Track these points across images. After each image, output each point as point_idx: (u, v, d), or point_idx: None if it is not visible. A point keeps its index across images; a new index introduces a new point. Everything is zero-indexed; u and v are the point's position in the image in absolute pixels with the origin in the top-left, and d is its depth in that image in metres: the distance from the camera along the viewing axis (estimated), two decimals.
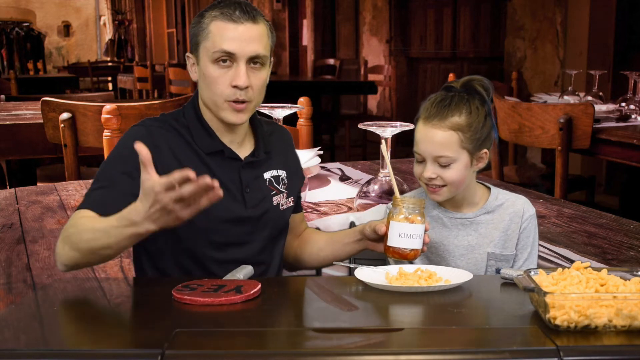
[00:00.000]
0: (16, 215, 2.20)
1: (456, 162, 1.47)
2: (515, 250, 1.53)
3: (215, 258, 1.49)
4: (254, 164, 1.54)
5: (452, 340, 1.08)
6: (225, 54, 1.44)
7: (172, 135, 1.49)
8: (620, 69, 4.36)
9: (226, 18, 1.45)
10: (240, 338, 1.08)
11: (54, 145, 3.23)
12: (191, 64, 1.52)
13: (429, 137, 1.47)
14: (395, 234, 1.42)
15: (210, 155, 1.50)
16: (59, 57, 17.34)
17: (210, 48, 1.45)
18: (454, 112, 1.46)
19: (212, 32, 1.45)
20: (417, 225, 1.42)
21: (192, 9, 13.61)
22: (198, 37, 1.47)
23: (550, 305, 1.06)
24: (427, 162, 1.48)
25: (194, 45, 1.49)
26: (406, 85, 7.71)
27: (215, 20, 1.45)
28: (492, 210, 1.54)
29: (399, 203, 1.43)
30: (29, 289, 1.58)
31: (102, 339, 1.09)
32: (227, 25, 1.44)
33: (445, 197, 1.50)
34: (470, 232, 1.54)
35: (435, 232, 1.54)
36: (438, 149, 1.46)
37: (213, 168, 1.49)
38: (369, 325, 1.19)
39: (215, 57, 1.44)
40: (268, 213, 1.54)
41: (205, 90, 1.49)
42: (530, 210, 1.55)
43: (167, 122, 1.51)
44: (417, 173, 1.51)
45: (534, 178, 3.94)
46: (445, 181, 1.48)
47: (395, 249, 1.43)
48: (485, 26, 6.76)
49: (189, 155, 1.48)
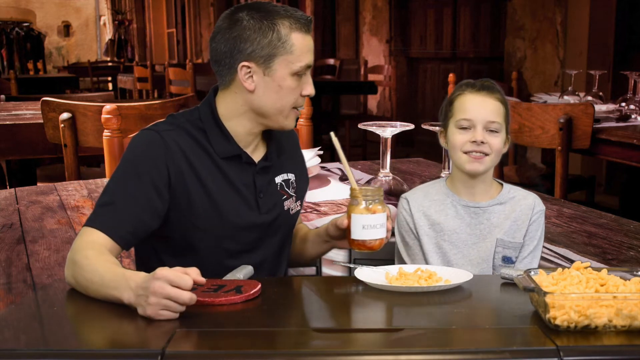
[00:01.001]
0: (16, 215, 2.20)
1: (501, 132, 1.54)
2: (523, 240, 1.55)
3: (227, 265, 1.46)
4: (267, 168, 1.53)
5: (452, 340, 1.08)
6: (308, 68, 1.46)
7: (185, 139, 1.45)
8: (620, 69, 4.36)
9: (303, 31, 1.45)
10: (240, 338, 1.08)
11: (54, 145, 3.23)
12: (246, 73, 1.44)
13: (483, 104, 1.53)
14: (359, 226, 1.39)
15: (225, 160, 1.47)
16: (59, 57, 17.34)
17: (294, 61, 1.44)
18: (496, 90, 1.56)
19: (295, 45, 1.43)
20: (379, 215, 1.39)
21: (192, 9, 13.61)
22: (275, 48, 1.42)
23: (550, 305, 1.06)
24: (476, 128, 1.52)
25: (265, 56, 1.43)
26: (406, 85, 7.71)
27: (295, 32, 1.44)
28: (504, 201, 1.57)
29: (357, 194, 1.40)
30: (29, 289, 1.58)
31: (102, 339, 1.09)
32: (306, 38, 1.46)
33: (487, 167, 1.54)
34: (482, 220, 1.56)
35: (449, 220, 1.56)
36: (491, 115, 1.53)
37: (227, 172, 1.47)
38: (369, 325, 1.20)
39: (299, 71, 1.45)
40: (279, 218, 1.54)
41: (272, 100, 1.46)
42: (541, 206, 1.59)
43: (180, 126, 1.46)
44: (461, 140, 1.53)
45: (534, 178, 3.94)
46: (492, 148, 1.52)
47: (360, 242, 1.40)
48: (485, 26, 6.76)
49: (202, 159, 1.45)
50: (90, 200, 2.40)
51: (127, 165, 1.43)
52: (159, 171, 1.41)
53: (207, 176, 1.45)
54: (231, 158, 1.48)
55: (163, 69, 9.45)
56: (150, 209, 1.40)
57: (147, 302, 1.14)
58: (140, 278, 1.18)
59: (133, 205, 1.38)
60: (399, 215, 1.61)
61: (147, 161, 1.41)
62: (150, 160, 1.41)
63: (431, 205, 1.58)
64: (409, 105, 7.60)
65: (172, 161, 1.42)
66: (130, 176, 1.41)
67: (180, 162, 1.42)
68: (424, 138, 6.38)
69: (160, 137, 1.43)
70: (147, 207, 1.40)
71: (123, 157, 1.45)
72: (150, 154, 1.42)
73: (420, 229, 1.57)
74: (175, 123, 1.47)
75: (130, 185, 1.40)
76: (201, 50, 12.89)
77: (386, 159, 2.20)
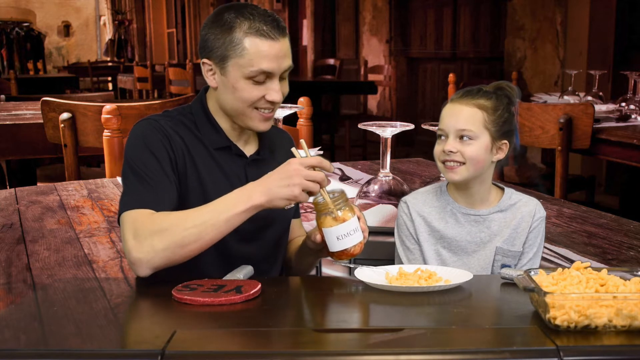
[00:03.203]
0: (16, 215, 2.20)
1: (477, 139, 1.48)
2: (522, 248, 1.54)
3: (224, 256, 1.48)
4: (258, 162, 1.54)
5: (452, 340, 1.08)
6: (263, 74, 1.42)
7: (181, 128, 1.48)
8: (620, 69, 4.36)
9: (262, 35, 1.41)
10: (240, 338, 1.08)
11: (54, 145, 3.23)
12: (208, 70, 1.48)
13: (454, 112, 1.50)
14: (333, 239, 1.37)
15: (217, 151, 1.50)
16: (59, 57, 17.34)
17: (245, 66, 1.41)
18: (482, 97, 1.51)
19: (247, 50, 1.41)
20: (349, 222, 1.36)
21: (192, 9, 13.61)
22: (227, 50, 1.42)
23: (550, 305, 1.06)
24: (449, 137, 1.50)
25: (219, 57, 1.43)
26: (406, 85, 7.71)
27: (249, 37, 1.41)
28: (505, 209, 1.56)
29: (321, 208, 1.37)
30: (29, 289, 1.58)
31: (102, 339, 1.09)
32: (264, 43, 1.41)
33: (463, 176, 1.50)
34: (482, 229, 1.55)
35: (449, 227, 1.55)
36: (462, 123, 1.48)
37: (221, 163, 1.49)
38: (369, 326, 1.20)
39: (251, 75, 1.42)
40: (273, 211, 1.54)
41: (229, 100, 1.46)
42: (541, 212, 1.57)
43: (174, 117, 1.50)
44: (437, 151, 1.52)
45: (534, 178, 3.94)
46: (465, 157, 1.48)
47: (339, 253, 1.38)
48: (485, 26, 6.76)
49: (198, 148, 1.48)
50: (90, 200, 2.40)
51: (136, 151, 1.43)
52: (167, 152, 1.43)
53: (203, 165, 1.47)
54: (223, 149, 1.50)
55: (163, 69, 9.46)
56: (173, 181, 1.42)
57: (291, 183, 1.29)
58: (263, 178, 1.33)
59: (159, 176, 1.40)
60: (399, 219, 1.60)
61: (154, 143, 1.43)
62: (156, 142, 1.43)
63: (431, 212, 1.57)
64: (409, 105, 7.60)
65: (173, 146, 1.45)
66: (144, 156, 1.42)
67: (180, 148, 1.45)
68: (424, 138, 6.37)
69: (160, 124, 1.46)
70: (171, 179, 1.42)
71: (128, 148, 1.45)
72: (155, 137, 1.44)
73: (420, 235, 1.56)
74: (170, 115, 1.51)
75: (149, 162, 1.41)
76: None
77: (386, 159, 2.20)
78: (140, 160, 1.42)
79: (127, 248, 1.32)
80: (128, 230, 1.33)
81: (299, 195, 1.31)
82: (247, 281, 1.30)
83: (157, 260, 1.31)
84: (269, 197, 1.31)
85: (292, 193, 1.30)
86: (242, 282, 1.30)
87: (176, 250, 1.30)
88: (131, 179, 1.41)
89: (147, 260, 1.30)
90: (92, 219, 2.16)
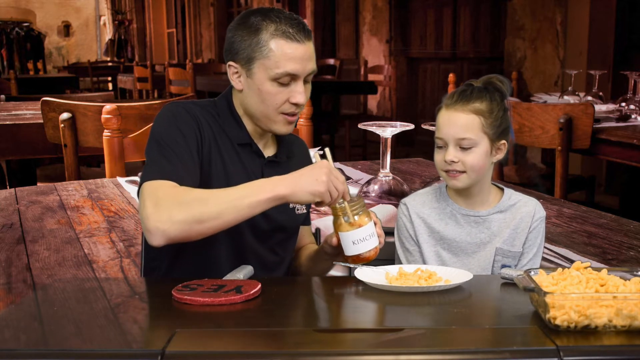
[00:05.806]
0: (16, 215, 2.21)
1: (477, 146, 1.48)
2: (522, 248, 1.54)
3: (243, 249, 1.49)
4: (275, 164, 1.55)
5: (452, 340, 1.08)
6: (288, 76, 1.44)
7: (210, 118, 1.49)
8: (620, 69, 4.36)
9: (288, 38, 1.43)
10: (240, 338, 1.08)
11: (54, 145, 3.24)
12: (234, 73, 1.49)
13: (452, 121, 1.48)
14: (349, 243, 1.39)
15: (239, 146, 1.51)
16: (59, 57, 17.34)
17: (271, 67, 1.43)
18: (475, 99, 1.49)
19: (273, 51, 1.42)
20: (366, 227, 1.38)
21: (192, 9, 13.60)
22: (253, 52, 1.44)
23: (550, 305, 1.06)
24: (448, 146, 1.49)
25: (245, 59, 1.45)
26: (406, 85, 7.71)
27: (275, 39, 1.43)
28: (504, 209, 1.56)
29: (338, 212, 1.39)
30: (29, 289, 1.58)
31: (102, 339, 1.09)
32: (290, 46, 1.43)
33: (465, 183, 1.50)
34: (482, 229, 1.55)
35: (449, 229, 1.55)
36: (460, 132, 1.47)
37: (242, 158, 1.50)
38: (369, 326, 1.20)
39: (276, 77, 1.43)
40: (285, 212, 1.55)
41: (255, 103, 1.47)
42: (541, 212, 1.57)
43: (204, 106, 1.51)
44: (438, 160, 1.51)
45: (534, 178, 3.94)
46: (466, 166, 1.48)
47: (354, 257, 1.40)
48: (485, 26, 6.76)
49: (223, 139, 1.49)
50: (90, 200, 2.40)
51: (166, 127, 1.43)
52: (195, 134, 1.44)
53: (227, 155, 1.48)
54: (244, 145, 1.51)
55: (163, 69, 9.46)
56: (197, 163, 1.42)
57: (320, 179, 1.32)
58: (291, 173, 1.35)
59: (186, 154, 1.40)
60: (399, 221, 1.60)
61: (184, 123, 1.44)
62: (187, 122, 1.44)
63: (431, 213, 1.57)
64: (409, 105, 7.60)
65: (202, 130, 1.45)
66: (173, 132, 1.42)
67: (208, 134, 1.46)
68: (424, 138, 6.37)
69: (191, 107, 1.47)
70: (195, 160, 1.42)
71: (157, 125, 1.45)
72: (186, 117, 1.44)
73: (420, 236, 1.56)
74: (199, 104, 1.51)
75: (178, 139, 1.41)
76: (201, 50, 12.88)
77: (386, 159, 2.20)
78: (168, 135, 1.42)
79: (144, 214, 1.30)
80: (149, 198, 1.32)
81: (324, 193, 1.32)
82: (247, 281, 1.30)
83: (172, 232, 1.29)
84: (294, 189, 1.32)
85: (319, 189, 1.32)
86: (242, 282, 1.30)
87: (193, 225, 1.29)
88: (157, 152, 1.40)
89: (163, 230, 1.29)
90: (92, 219, 2.16)
